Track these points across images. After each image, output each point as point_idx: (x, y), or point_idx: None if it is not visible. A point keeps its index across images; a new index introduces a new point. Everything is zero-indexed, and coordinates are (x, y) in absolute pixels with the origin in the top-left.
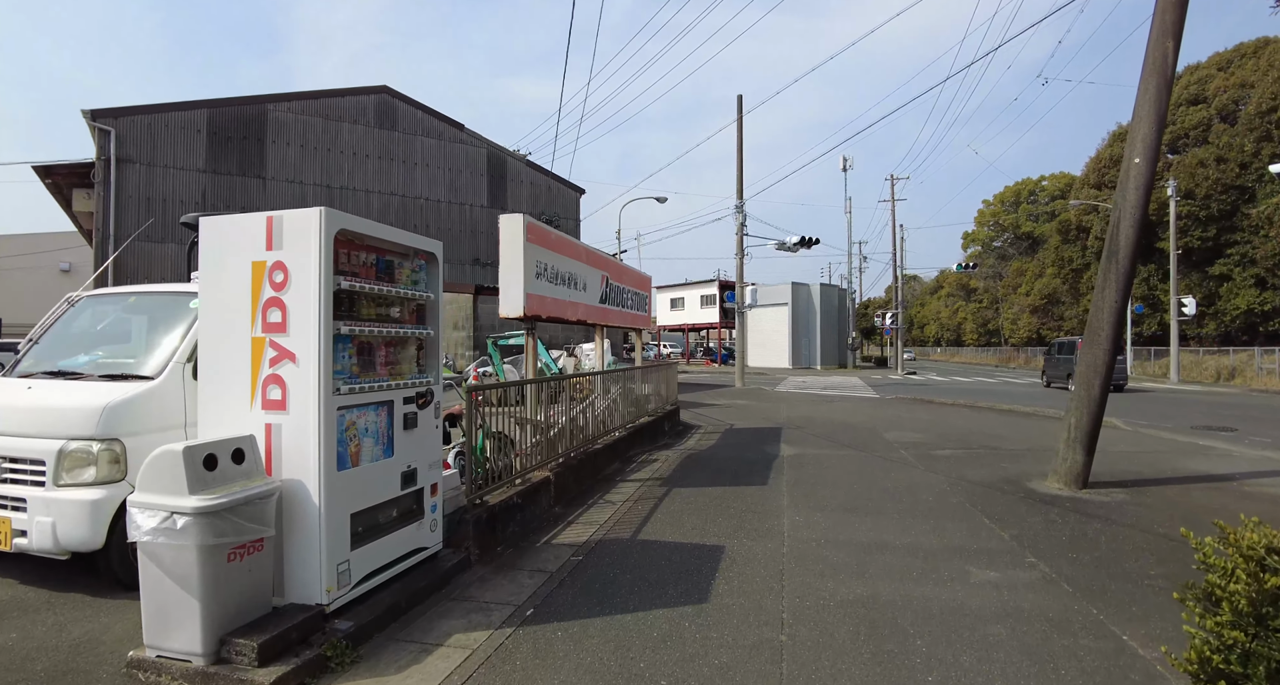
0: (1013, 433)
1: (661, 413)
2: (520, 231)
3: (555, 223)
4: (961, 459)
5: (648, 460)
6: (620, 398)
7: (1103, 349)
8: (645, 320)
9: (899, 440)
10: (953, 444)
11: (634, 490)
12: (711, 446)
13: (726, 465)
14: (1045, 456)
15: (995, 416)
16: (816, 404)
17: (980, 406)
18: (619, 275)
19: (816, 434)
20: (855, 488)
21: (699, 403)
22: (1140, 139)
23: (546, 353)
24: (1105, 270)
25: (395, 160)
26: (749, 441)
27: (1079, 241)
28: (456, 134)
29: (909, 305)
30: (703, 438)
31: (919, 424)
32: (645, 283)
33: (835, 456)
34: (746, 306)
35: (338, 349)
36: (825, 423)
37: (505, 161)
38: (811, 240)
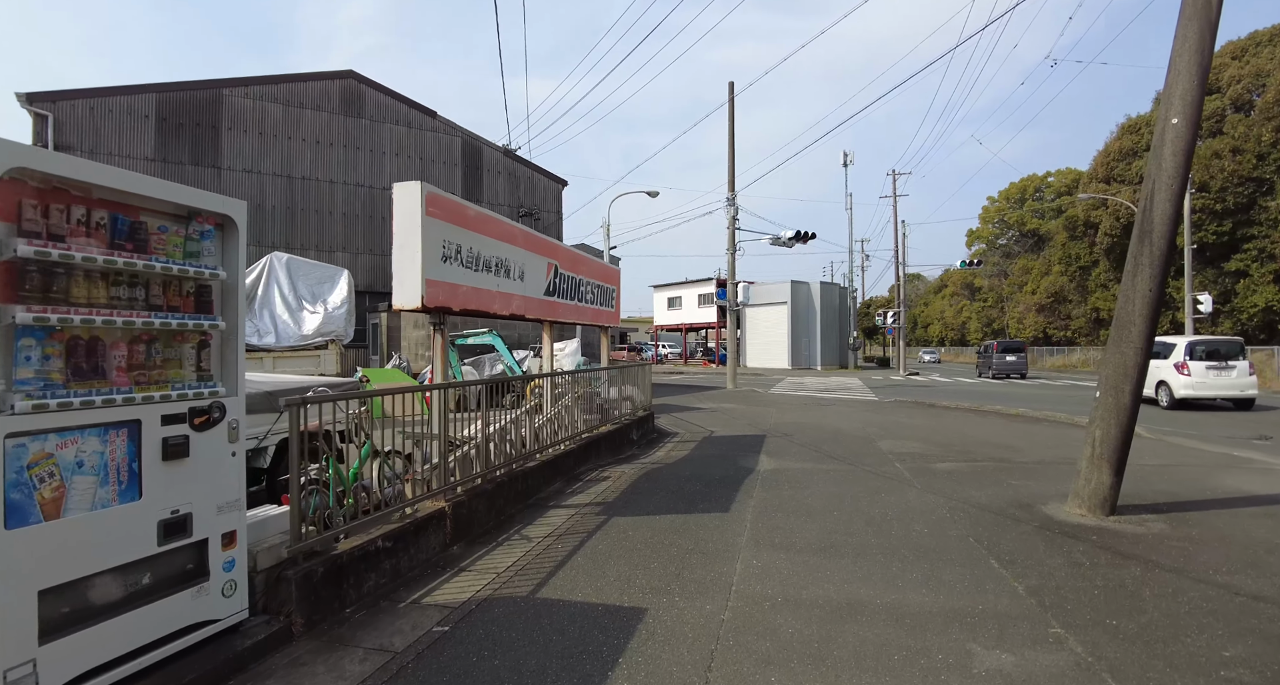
0: (1022, 441)
1: (631, 419)
2: (417, 204)
3: (535, 215)
4: (965, 475)
5: (598, 478)
6: (575, 404)
7: (1134, 348)
8: (612, 317)
9: (894, 451)
10: (955, 455)
11: (564, 521)
12: (680, 459)
13: (688, 484)
14: (1062, 472)
15: (1002, 422)
16: (809, 408)
17: (985, 410)
18: (573, 264)
19: (803, 443)
20: (835, 516)
21: (685, 406)
22: (1178, 96)
23: (509, 353)
24: (1135, 254)
25: (362, 149)
26: (724, 453)
27: (1086, 238)
28: (428, 122)
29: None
30: (674, 448)
31: (918, 431)
32: (611, 275)
33: (819, 473)
34: (739, 304)
35: (18, 347)
36: (815, 430)
37: (481, 151)
38: (807, 234)
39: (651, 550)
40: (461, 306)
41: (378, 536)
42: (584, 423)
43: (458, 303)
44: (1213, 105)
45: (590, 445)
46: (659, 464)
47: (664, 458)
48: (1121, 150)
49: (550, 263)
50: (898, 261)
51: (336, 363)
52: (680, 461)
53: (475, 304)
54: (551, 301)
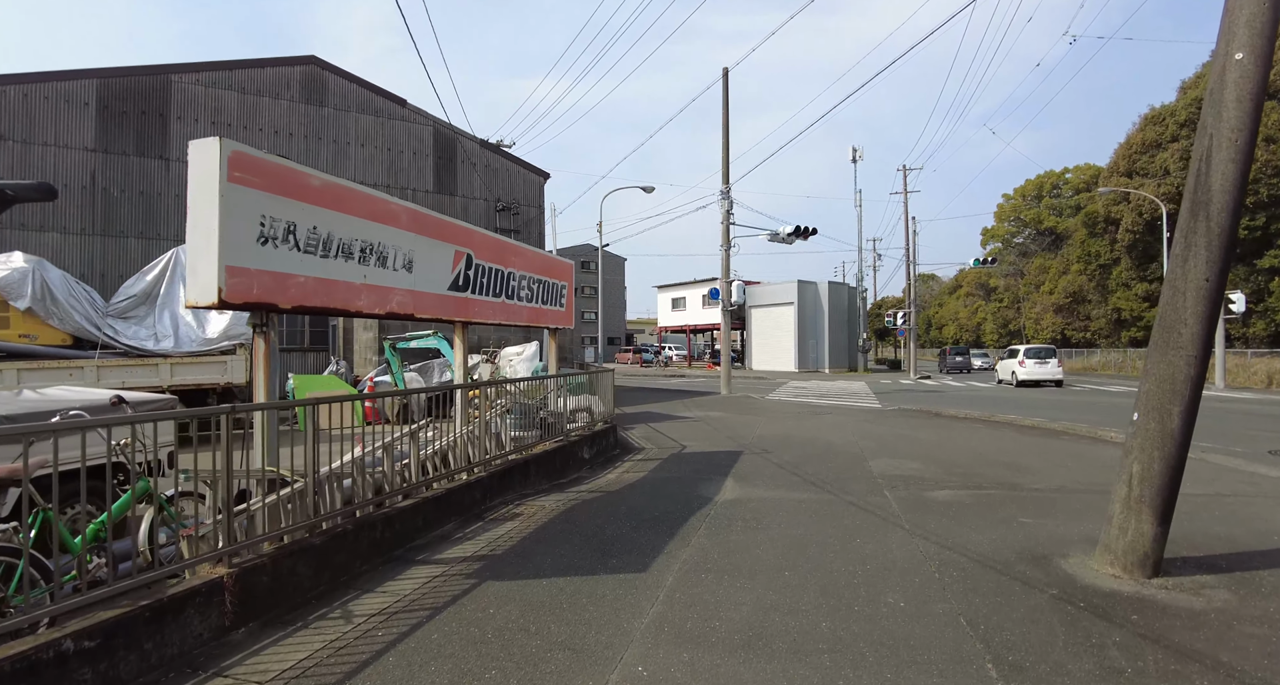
0: (1037, 460)
1: (584, 434)
2: (215, 167)
3: (514, 210)
4: (966, 508)
5: (507, 515)
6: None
7: (1186, 355)
8: (561, 317)
9: (887, 473)
10: (957, 479)
11: (418, 586)
12: (628, 485)
13: (615, 525)
14: (1086, 504)
15: (1015, 435)
16: (802, 417)
17: (998, 421)
18: (497, 254)
19: (782, 463)
20: (785, 577)
21: (668, 415)
22: (1243, 23)
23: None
24: (1186, 232)
25: (324, 140)
26: (685, 475)
27: (1107, 235)
28: (397, 111)
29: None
30: (630, 468)
31: (918, 447)
32: (559, 270)
33: (787, 505)
34: (734, 304)
35: None
36: (801, 445)
37: (455, 142)
38: (808, 230)
39: (502, 645)
40: (298, 303)
41: (74, 632)
42: (512, 442)
43: (290, 297)
44: None
45: (515, 470)
46: (598, 492)
47: (609, 483)
48: (1144, 142)
49: (459, 251)
50: (909, 259)
51: (246, 370)
52: (626, 489)
53: (323, 299)
54: (462, 298)
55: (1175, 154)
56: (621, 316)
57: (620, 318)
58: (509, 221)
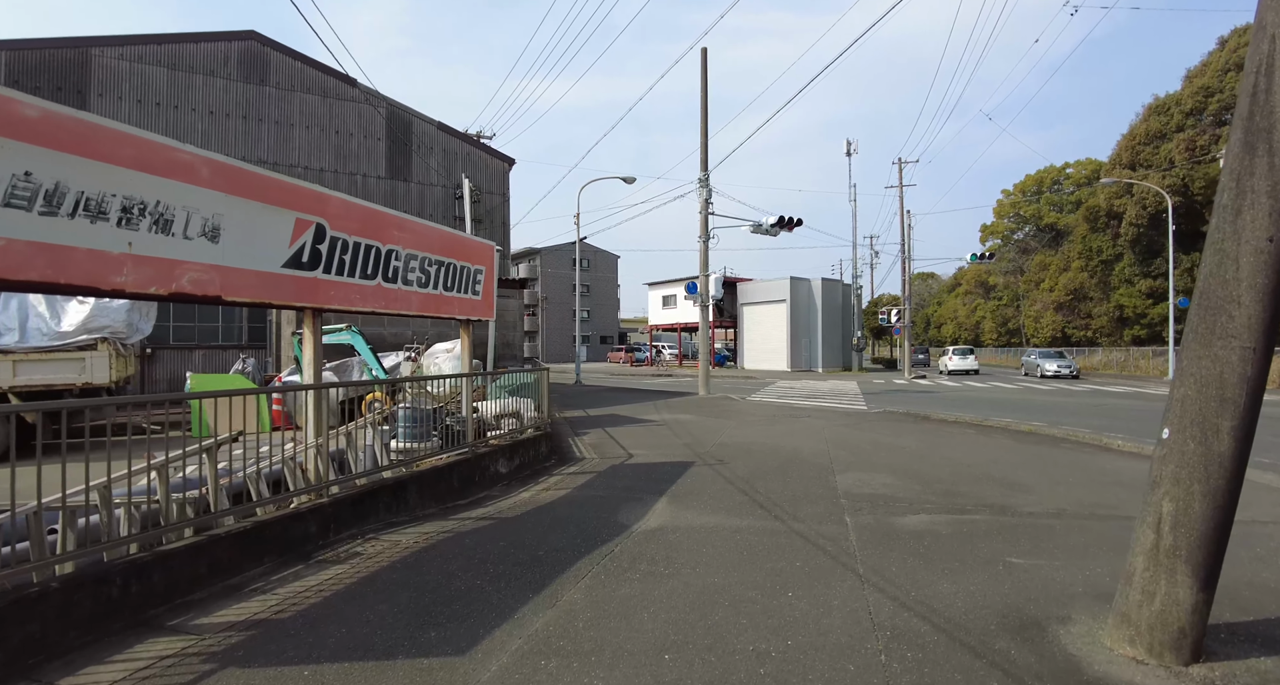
0: (1033, 474)
1: (503, 445)
2: None
3: (475, 197)
4: (941, 542)
5: (344, 554)
6: (372, 429)
7: (1239, 347)
8: (476, 307)
9: (854, 490)
10: (935, 500)
11: (116, 680)
12: (534, 510)
13: (474, 572)
14: (1093, 538)
15: (1009, 442)
16: (776, 421)
17: (990, 426)
18: (371, 228)
19: (733, 478)
20: (663, 665)
21: (632, 418)
22: None
23: (373, 355)
24: (1239, 174)
25: (266, 121)
26: (611, 496)
27: (1109, 229)
28: (347, 90)
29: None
30: (552, 486)
31: (897, 457)
32: (476, 252)
33: (717, 537)
34: (712, 298)
35: None
36: (765, 454)
37: (411, 124)
38: (793, 221)
39: None
40: None
41: None
42: (398, 456)
43: None
44: None
45: (383, 492)
46: (489, 520)
47: (514, 506)
48: (1148, 133)
49: (304, 220)
50: (904, 254)
51: (110, 369)
52: (529, 514)
53: (45, 271)
54: (306, 278)
55: (1181, 144)
56: (614, 315)
57: (612, 316)
58: (471, 208)
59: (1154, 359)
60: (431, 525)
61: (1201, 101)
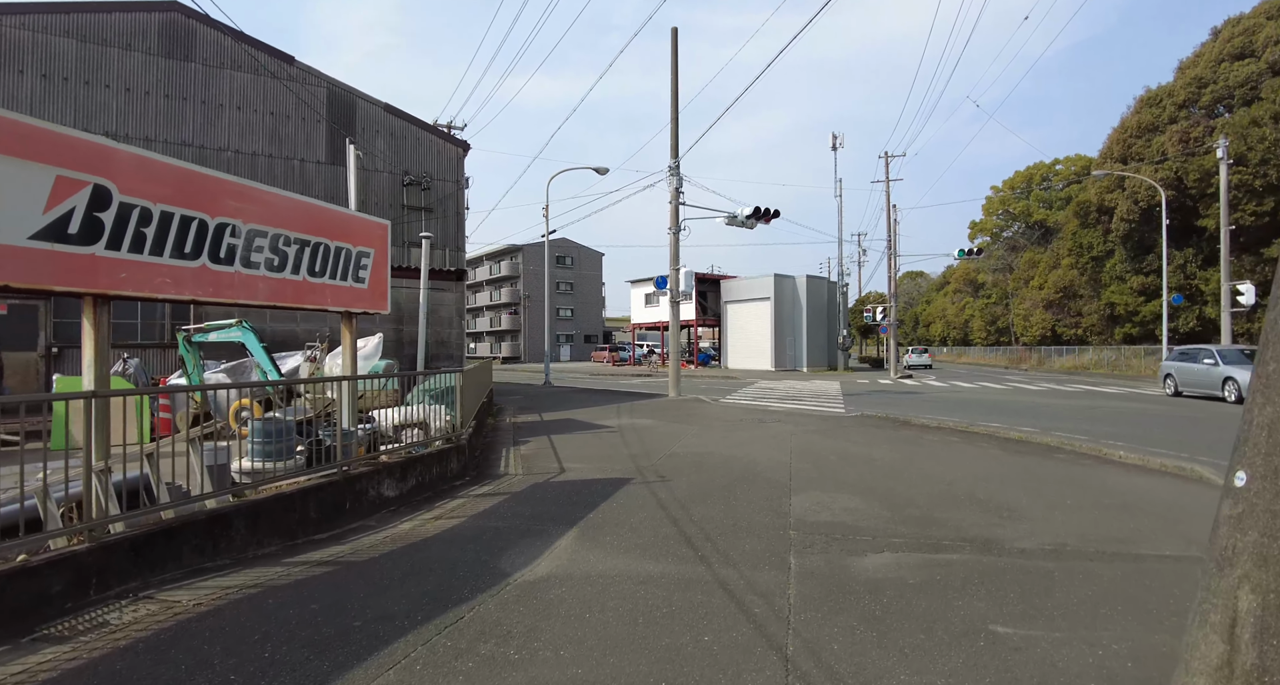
0: (1025, 494)
1: (396, 461)
2: None
3: (424, 184)
4: (905, 598)
5: (64, 632)
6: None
7: None
8: (361, 297)
9: (809, 517)
10: (906, 532)
11: None
12: (402, 549)
13: (231, 662)
14: (1102, 591)
15: (998, 453)
16: (740, 427)
17: (977, 432)
18: (203, 198)
19: (669, 501)
20: None
21: (588, 423)
22: None
23: (266, 355)
24: None
25: (191, 100)
26: (510, 527)
27: (1100, 225)
28: (283, 69)
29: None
30: (449, 513)
31: (868, 472)
32: (359, 231)
33: (614, 593)
34: (682, 294)
35: None
36: (716, 468)
37: (355, 105)
38: (769, 212)
39: None
40: None
41: None
42: (243, 479)
43: None
44: (1246, 71)
45: (179, 532)
46: (329, 565)
47: (379, 543)
48: (1140, 126)
49: (72, 179)
50: (890, 249)
51: None
52: (385, 558)
53: None
54: (79, 255)
55: (1174, 137)
56: (598, 313)
57: (597, 315)
58: (418, 197)
59: (1146, 358)
60: (250, 573)
61: (1195, 93)
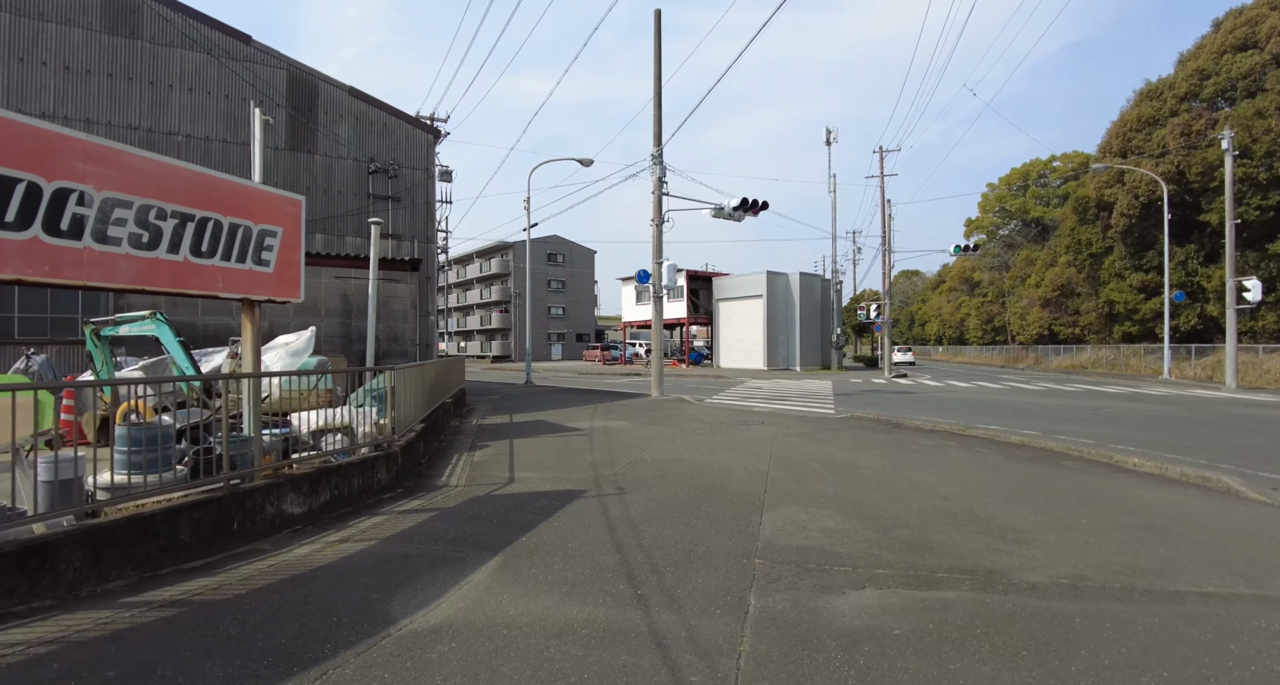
0: (1032, 512)
1: (318, 469)
2: None
3: (392, 172)
4: (886, 659)
5: None
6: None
7: None
8: (263, 283)
9: (779, 541)
10: (891, 560)
11: None
12: (272, 585)
13: None
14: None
15: (998, 461)
16: (720, 431)
17: (975, 436)
18: (36, 157)
19: (620, 520)
20: None
21: (557, 426)
22: None
23: (182, 350)
24: None
25: (138, 80)
26: (422, 555)
27: (1099, 221)
28: (240, 49)
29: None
30: (351, 537)
31: (853, 482)
32: (267, 207)
33: (510, 658)
34: (664, 288)
35: None
36: (684, 478)
37: (317, 88)
38: (757, 203)
39: None
40: None
41: None
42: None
43: None
44: (1250, 62)
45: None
46: (174, 607)
47: (257, 574)
48: (1140, 119)
49: None
50: (885, 245)
51: None
52: (250, 596)
53: None
54: None
55: (1175, 130)
56: (590, 312)
57: (589, 313)
58: (385, 186)
59: (1146, 357)
60: (63, 620)
61: (1196, 85)
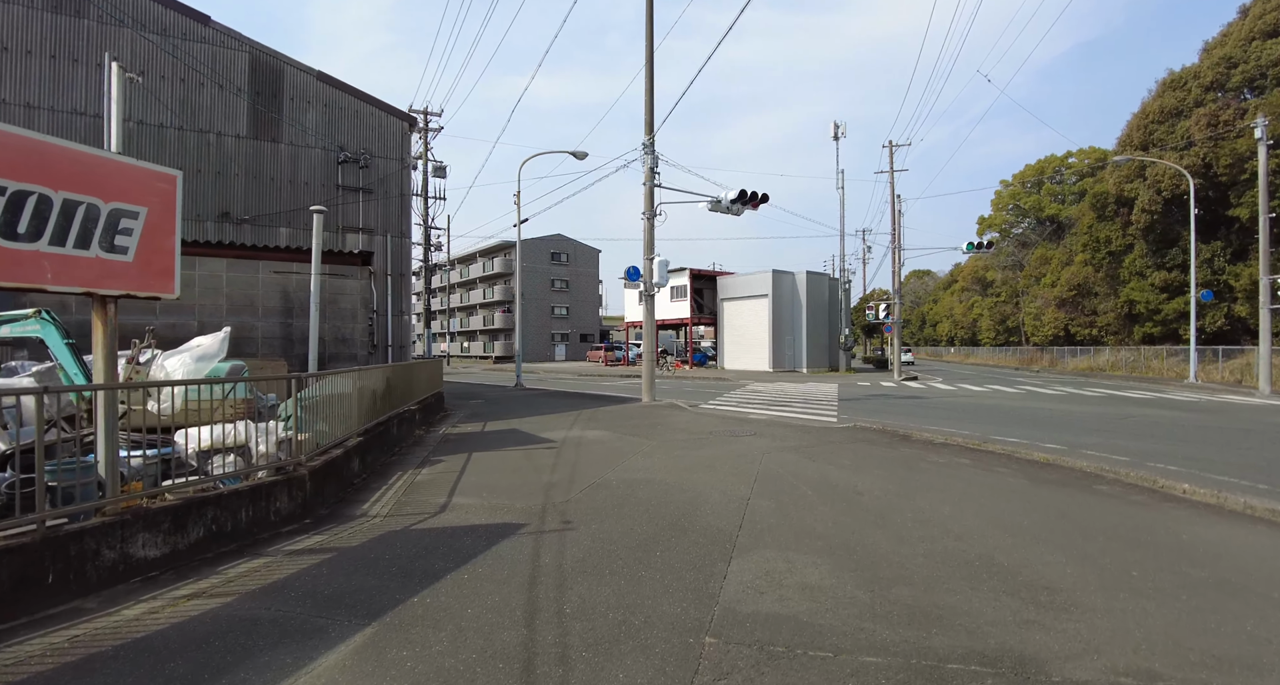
0: (1068, 560)
1: (186, 500)
2: None
3: (363, 162)
4: None
5: None
6: None
7: None
8: (122, 274)
9: (743, 606)
10: (887, 642)
11: None
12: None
13: None
14: None
15: (1022, 486)
16: (705, 443)
17: (991, 451)
18: None
19: (546, 571)
20: None
21: (531, 436)
22: None
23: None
24: None
25: (84, 63)
26: (247, 636)
27: (1119, 218)
28: (196, 29)
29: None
30: (202, 592)
31: (847, 514)
32: (122, 180)
33: None
34: (655, 285)
35: None
36: (644, 508)
37: (282, 72)
38: (756, 196)
39: None
40: None
41: None
42: None
43: None
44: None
45: None
46: None
47: (10, 664)
48: (1162, 110)
49: None
50: (895, 242)
51: None
52: None
53: None
54: None
55: (1201, 120)
56: (595, 312)
57: (593, 313)
58: (356, 177)
59: (1169, 359)
60: None
61: (1223, 74)
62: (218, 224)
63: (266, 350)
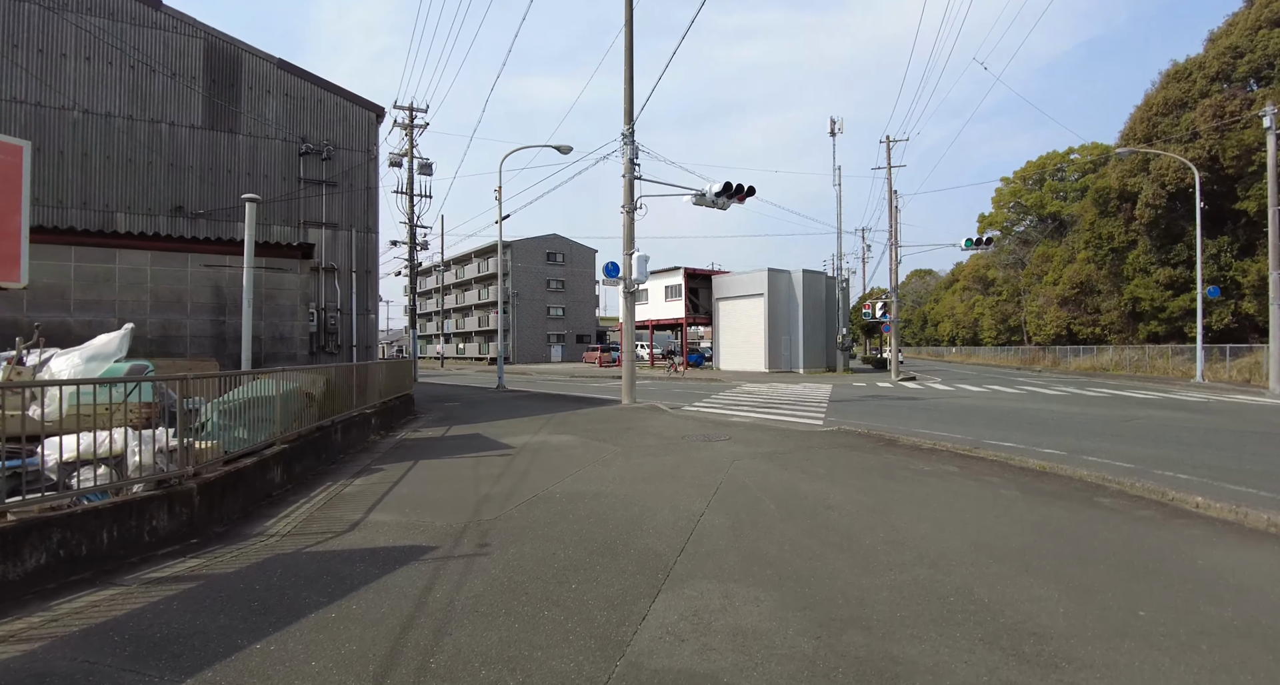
0: (1063, 595)
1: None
2: None
3: (326, 154)
4: None
5: None
6: None
7: None
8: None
9: (652, 662)
10: None
11: None
12: None
13: None
14: None
15: (1013, 495)
16: (673, 450)
17: (982, 458)
18: None
19: (431, 612)
20: None
21: (492, 441)
22: None
23: None
24: None
25: (26, 48)
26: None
27: (1122, 213)
28: (149, 15)
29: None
30: (10, 636)
31: (808, 534)
32: None
33: None
34: (635, 281)
35: None
36: (581, 526)
37: (240, 59)
38: (743, 188)
39: None
40: None
41: None
42: None
43: None
44: None
45: None
46: None
47: None
48: (1166, 102)
49: None
50: (892, 239)
51: None
52: None
53: None
54: None
55: (1206, 112)
56: (591, 313)
57: (590, 314)
58: (319, 169)
59: (1174, 358)
60: None
61: (1229, 63)
62: (171, 219)
63: (196, 349)
